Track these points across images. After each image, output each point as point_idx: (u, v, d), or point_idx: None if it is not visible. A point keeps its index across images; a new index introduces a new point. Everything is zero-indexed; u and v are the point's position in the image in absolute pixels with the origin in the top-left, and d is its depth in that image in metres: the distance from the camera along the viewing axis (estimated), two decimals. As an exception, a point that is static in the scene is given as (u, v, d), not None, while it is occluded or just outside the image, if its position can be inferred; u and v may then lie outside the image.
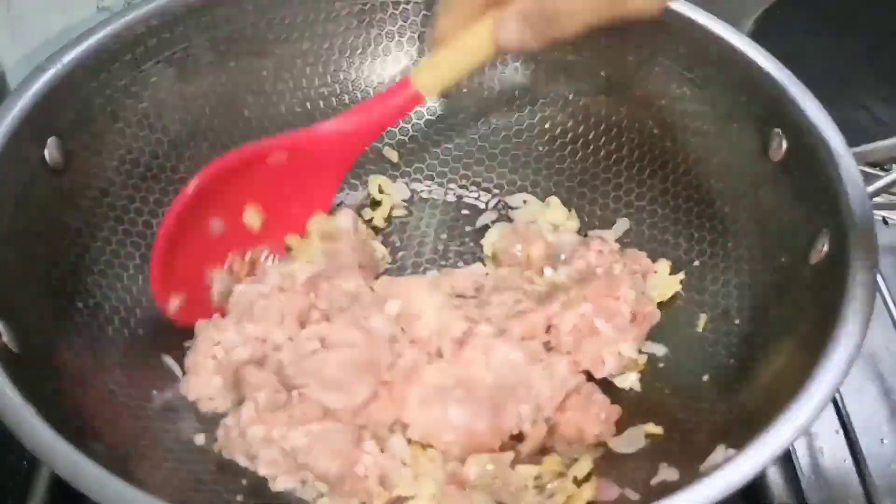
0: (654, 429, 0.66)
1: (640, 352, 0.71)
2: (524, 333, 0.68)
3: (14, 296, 0.62)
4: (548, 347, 0.69)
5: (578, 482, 0.63)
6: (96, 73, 0.70)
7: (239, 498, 0.64)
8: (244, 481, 0.65)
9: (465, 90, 0.83)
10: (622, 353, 0.69)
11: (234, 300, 0.70)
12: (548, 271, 0.75)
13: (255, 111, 0.80)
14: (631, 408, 0.68)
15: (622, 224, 0.79)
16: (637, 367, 0.71)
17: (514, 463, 0.63)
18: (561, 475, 0.63)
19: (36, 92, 0.66)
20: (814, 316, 0.61)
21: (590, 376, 0.69)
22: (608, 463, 0.65)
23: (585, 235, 0.79)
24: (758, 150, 0.70)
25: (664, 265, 0.75)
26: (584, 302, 0.69)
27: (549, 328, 0.69)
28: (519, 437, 0.66)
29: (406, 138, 0.84)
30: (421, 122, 0.84)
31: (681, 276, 0.74)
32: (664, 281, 0.74)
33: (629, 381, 0.70)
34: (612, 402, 0.67)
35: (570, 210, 0.81)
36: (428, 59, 0.67)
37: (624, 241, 0.78)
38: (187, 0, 0.73)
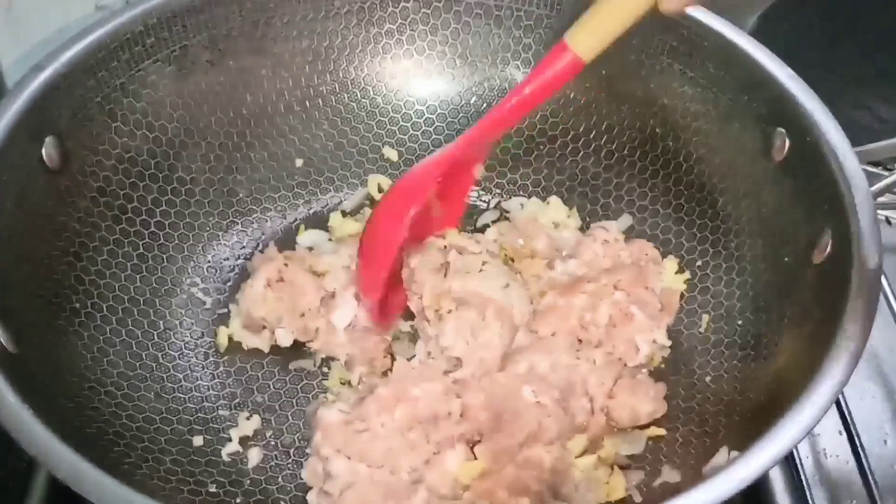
0: (657, 430, 0.66)
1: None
2: (555, 329, 0.68)
3: (11, 296, 0.61)
4: (578, 340, 0.69)
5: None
6: (94, 72, 0.70)
7: (238, 500, 0.63)
8: (245, 483, 0.65)
9: (466, 90, 0.83)
10: (657, 341, 0.69)
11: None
12: (559, 265, 0.74)
13: (254, 110, 0.80)
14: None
15: (625, 220, 0.79)
16: (659, 357, 0.71)
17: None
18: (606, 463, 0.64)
19: (33, 91, 0.65)
20: (817, 316, 0.61)
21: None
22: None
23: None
24: (760, 149, 0.70)
25: (671, 263, 0.75)
26: (615, 291, 0.69)
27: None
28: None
29: (406, 137, 0.84)
30: (421, 121, 0.84)
31: (686, 275, 0.74)
32: (669, 280, 0.74)
33: (641, 374, 0.70)
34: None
35: (570, 208, 0.80)
36: (585, 19, 0.62)
37: (625, 241, 0.77)
38: (186, -2, 0.73)
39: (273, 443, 0.68)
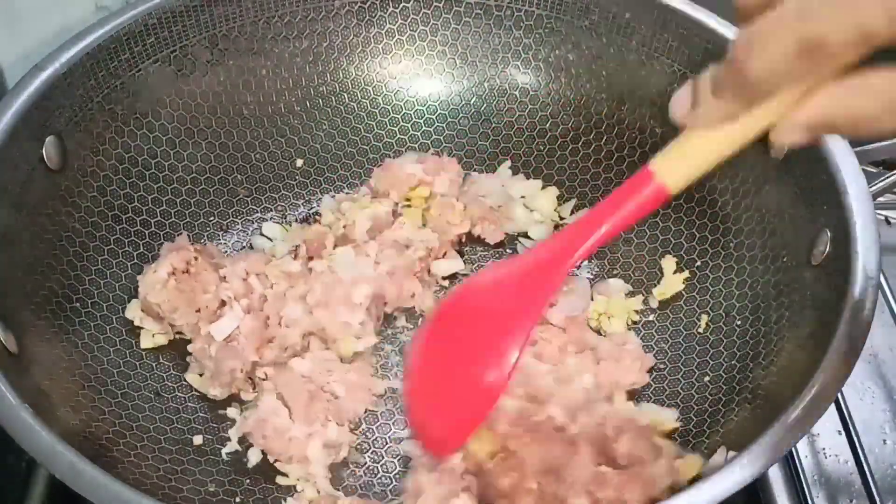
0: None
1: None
2: None
3: (12, 296, 0.62)
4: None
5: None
6: (94, 72, 0.70)
7: (237, 500, 0.63)
8: (245, 482, 0.65)
9: (466, 90, 0.83)
10: (636, 383, 0.69)
11: None
12: None
13: (254, 110, 0.80)
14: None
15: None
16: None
17: None
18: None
19: (34, 91, 0.66)
20: (816, 316, 0.61)
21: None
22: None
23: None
24: (759, 148, 0.69)
25: (670, 262, 0.75)
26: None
27: None
28: None
29: (406, 138, 0.84)
30: (421, 121, 0.84)
31: (685, 274, 0.74)
32: (668, 279, 0.74)
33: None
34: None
35: (562, 203, 0.81)
36: (677, 146, 0.53)
37: (624, 241, 0.78)
38: (186, -2, 0.73)
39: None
